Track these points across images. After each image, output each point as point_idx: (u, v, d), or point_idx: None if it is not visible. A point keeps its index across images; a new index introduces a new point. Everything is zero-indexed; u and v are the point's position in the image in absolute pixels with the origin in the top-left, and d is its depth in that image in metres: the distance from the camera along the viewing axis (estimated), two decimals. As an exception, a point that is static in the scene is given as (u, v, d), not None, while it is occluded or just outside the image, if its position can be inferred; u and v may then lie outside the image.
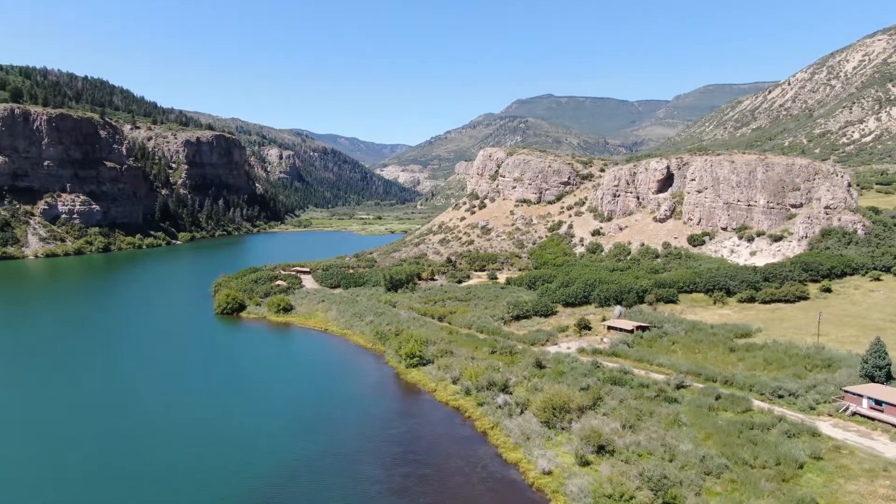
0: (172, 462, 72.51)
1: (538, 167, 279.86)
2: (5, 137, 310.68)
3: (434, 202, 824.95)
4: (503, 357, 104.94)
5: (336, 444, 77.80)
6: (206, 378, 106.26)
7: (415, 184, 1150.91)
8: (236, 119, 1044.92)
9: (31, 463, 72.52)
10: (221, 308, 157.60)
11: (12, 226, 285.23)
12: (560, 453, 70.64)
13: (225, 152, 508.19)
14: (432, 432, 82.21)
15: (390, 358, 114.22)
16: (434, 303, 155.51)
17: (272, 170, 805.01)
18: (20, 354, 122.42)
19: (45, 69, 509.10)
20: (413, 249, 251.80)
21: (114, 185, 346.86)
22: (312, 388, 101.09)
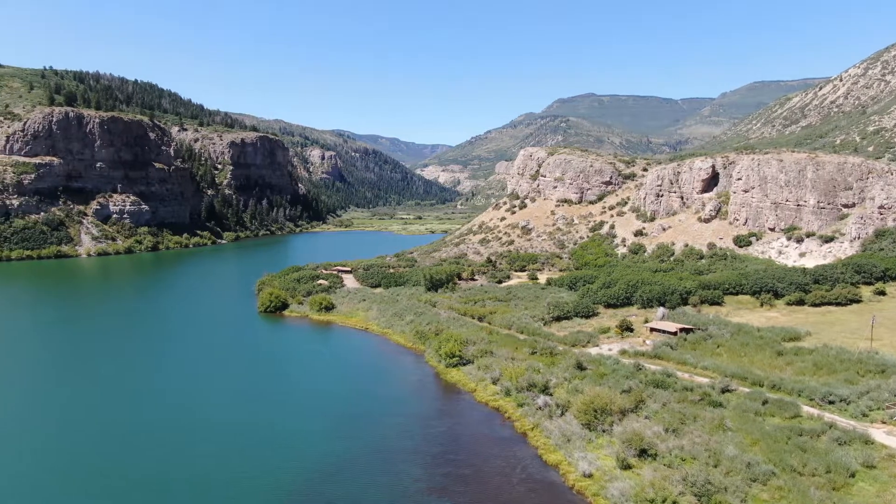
0: (215, 458, 74.06)
1: (579, 167, 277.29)
2: (60, 140, 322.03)
3: (474, 202, 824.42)
4: (543, 358, 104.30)
5: (377, 442, 78.41)
6: (250, 375, 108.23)
7: (455, 184, 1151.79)
8: (280, 120, 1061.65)
9: (75, 458, 74.89)
10: (265, 306, 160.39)
11: (67, 225, 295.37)
12: (601, 456, 69.88)
13: (268, 153, 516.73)
14: (472, 432, 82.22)
15: (430, 357, 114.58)
16: (474, 303, 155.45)
17: (314, 170, 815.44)
18: (75, 349, 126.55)
19: (98, 73, 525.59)
20: (453, 249, 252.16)
21: (162, 186, 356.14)
22: (353, 386, 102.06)
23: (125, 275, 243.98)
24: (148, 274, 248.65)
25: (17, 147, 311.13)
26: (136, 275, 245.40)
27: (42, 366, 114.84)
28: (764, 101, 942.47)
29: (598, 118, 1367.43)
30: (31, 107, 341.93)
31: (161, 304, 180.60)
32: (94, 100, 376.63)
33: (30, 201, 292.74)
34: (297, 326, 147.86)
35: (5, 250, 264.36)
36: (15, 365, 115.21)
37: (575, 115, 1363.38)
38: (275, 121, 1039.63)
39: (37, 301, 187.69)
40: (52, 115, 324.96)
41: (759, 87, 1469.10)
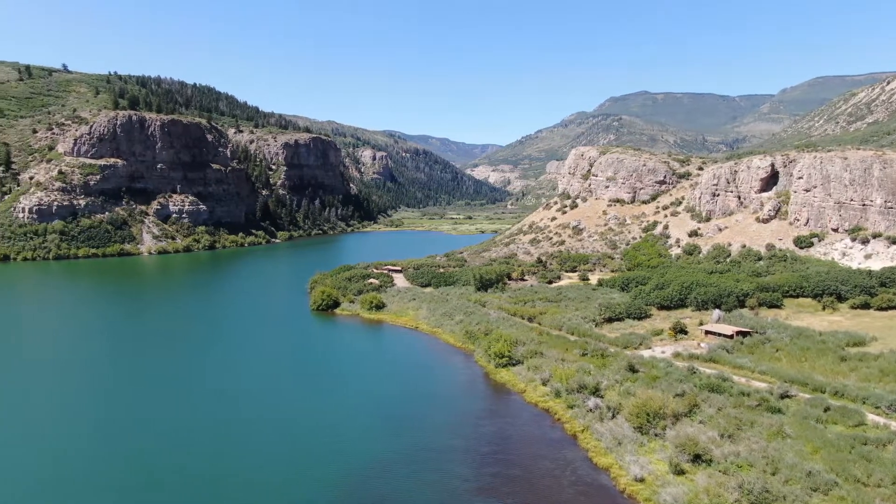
0: (267, 453, 75.62)
1: (632, 166, 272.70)
2: (124, 142, 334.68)
3: (524, 202, 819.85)
4: (594, 360, 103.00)
5: (426, 441, 78.79)
6: (302, 372, 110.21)
7: (505, 184, 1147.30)
8: (332, 121, 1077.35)
9: (130, 450, 77.50)
10: (317, 304, 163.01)
11: (129, 224, 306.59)
12: (653, 460, 68.58)
13: (321, 154, 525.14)
14: (521, 433, 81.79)
15: (479, 357, 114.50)
16: (524, 303, 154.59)
17: (366, 170, 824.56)
18: (135, 345, 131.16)
19: (159, 78, 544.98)
20: (503, 249, 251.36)
21: (219, 187, 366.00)
22: (403, 384, 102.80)
23: (184, 272, 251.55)
24: (205, 272, 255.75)
25: (83, 149, 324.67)
26: (194, 272, 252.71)
27: (102, 361, 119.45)
28: (827, 96, 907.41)
29: (652, 116, 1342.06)
30: (97, 111, 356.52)
31: (218, 300, 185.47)
32: (155, 103, 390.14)
33: (95, 201, 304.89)
34: (348, 325, 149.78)
35: (73, 248, 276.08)
36: (81, 360, 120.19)
37: (628, 113, 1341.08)
38: (327, 122, 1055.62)
39: (102, 297, 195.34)
40: (116, 119, 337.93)
41: (821, 83, 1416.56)
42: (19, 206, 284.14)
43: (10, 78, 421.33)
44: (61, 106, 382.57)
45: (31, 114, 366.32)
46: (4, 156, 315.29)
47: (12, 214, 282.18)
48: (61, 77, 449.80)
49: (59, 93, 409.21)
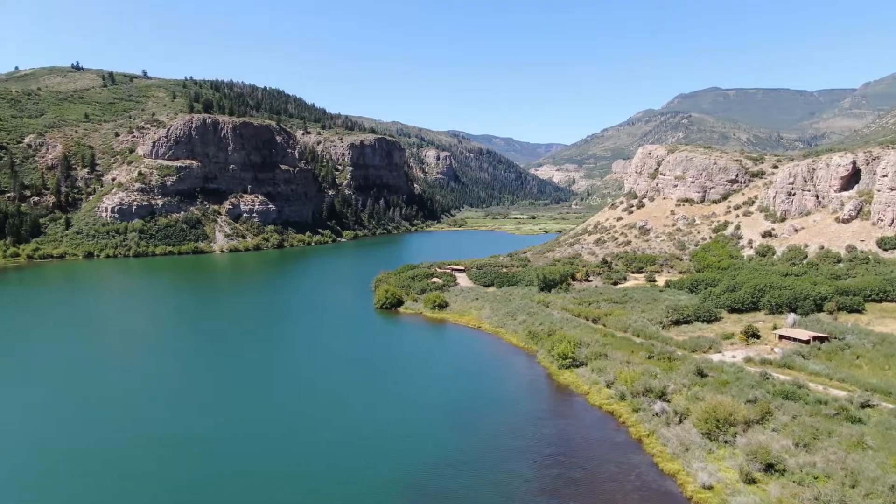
0: (329, 449, 77.11)
1: (702, 164, 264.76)
2: (198, 144, 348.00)
3: (589, 202, 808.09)
4: (661, 363, 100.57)
5: (489, 440, 78.71)
6: (366, 369, 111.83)
7: (570, 183, 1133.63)
8: (397, 122, 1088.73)
9: (198, 440, 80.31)
10: (381, 303, 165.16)
11: (203, 223, 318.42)
12: (722, 468, 66.45)
13: (386, 154, 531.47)
14: (585, 435, 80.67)
15: (542, 358, 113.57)
16: (588, 304, 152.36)
17: (429, 170, 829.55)
18: (208, 339, 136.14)
19: (232, 82, 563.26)
20: (567, 249, 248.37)
21: (287, 187, 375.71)
22: (466, 383, 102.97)
23: (254, 270, 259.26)
24: (274, 269, 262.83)
25: (161, 151, 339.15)
26: (264, 270, 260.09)
27: (177, 356, 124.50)
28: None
29: (723, 113, 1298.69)
30: (174, 114, 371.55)
31: (286, 297, 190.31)
32: (227, 107, 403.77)
33: (172, 201, 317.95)
34: (412, 323, 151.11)
35: (151, 246, 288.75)
36: (158, 354, 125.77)
37: (697, 110, 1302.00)
38: (392, 122, 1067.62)
39: (179, 293, 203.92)
40: (191, 122, 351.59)
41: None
42: (102, 206, 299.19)
43: (95, 84, 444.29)
44: (141, 110, 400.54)
45: (114, 118, 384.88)
46: (89, 158, 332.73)
47: (96, 214, 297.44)
48: (141, 83, 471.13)
49: (139, 98, 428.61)
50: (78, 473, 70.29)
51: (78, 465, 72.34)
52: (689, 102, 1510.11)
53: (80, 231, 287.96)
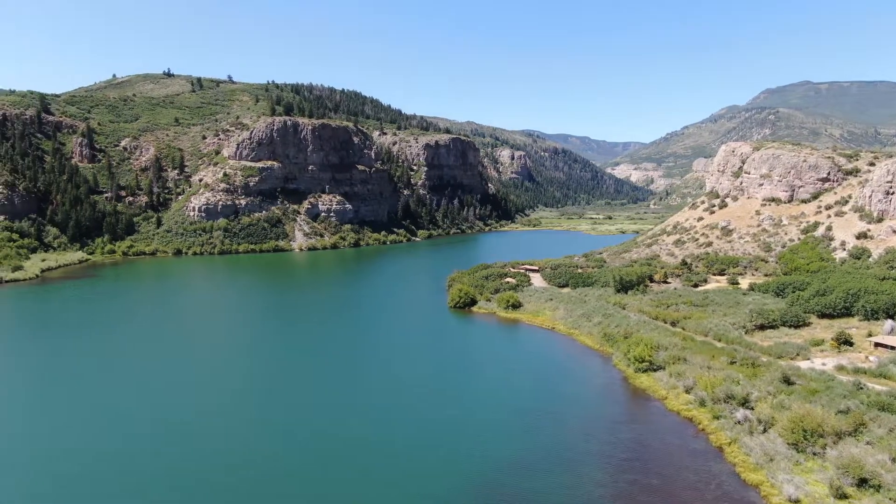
0: (404, 445, 77.99)
1: (790, 162, 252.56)
2: (279, 146, 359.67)
3: (668, 201, 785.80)
4: (744, 369, 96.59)
5: (560, 442, 77.75)
6: (440, 366, 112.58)
7: (648, 182, 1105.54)
8: (471, 122, 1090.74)
9: (271, 435, 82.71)
10: (454, 302, 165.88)
11: (283, 223, 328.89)
12: (810, 481, 63.21)
13: (460, 154, 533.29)
14: (662, 441, 78.45)
15: (618, 361, 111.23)
16: (666, 307, 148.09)
17: (504, 170, 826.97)
18: (287, 334, 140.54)
19: (311, 85, 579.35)
20: (645, 250, 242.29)
21: (363, 187, 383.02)
22: (539, 384, 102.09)
23: (331, 268, 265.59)
24: (350, 267, 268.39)
25: (244, 153, 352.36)
26: (341, 268, 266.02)
27: (261, 353, 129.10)
28: None
29: (814, 108, 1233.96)
30: (257, 117, 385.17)
31: (362, 295, 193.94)
32: (307, 109, 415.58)
33: (254, 201, 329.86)
34: (485, 322, 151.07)
35: (234, 244, 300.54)
36: (241, 349, 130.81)
37: (786, 105, 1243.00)
38: (467, 123, 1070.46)
39: (262, 289, 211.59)
40: (273, 124, 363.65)
41: None
42: (190, 206, 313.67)
43: (185, 90, 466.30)
44: (226, 114, 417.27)
45: (201, 121, 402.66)
46: (179, 160, 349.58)
47: (184, 213, 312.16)
48: (227, 87, 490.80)
49: (224, 102, 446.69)
50: (174, 471, 73.86)
51: (172, 464, 76.03)
52: (777, 97, 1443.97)
53: (170, 229, 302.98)
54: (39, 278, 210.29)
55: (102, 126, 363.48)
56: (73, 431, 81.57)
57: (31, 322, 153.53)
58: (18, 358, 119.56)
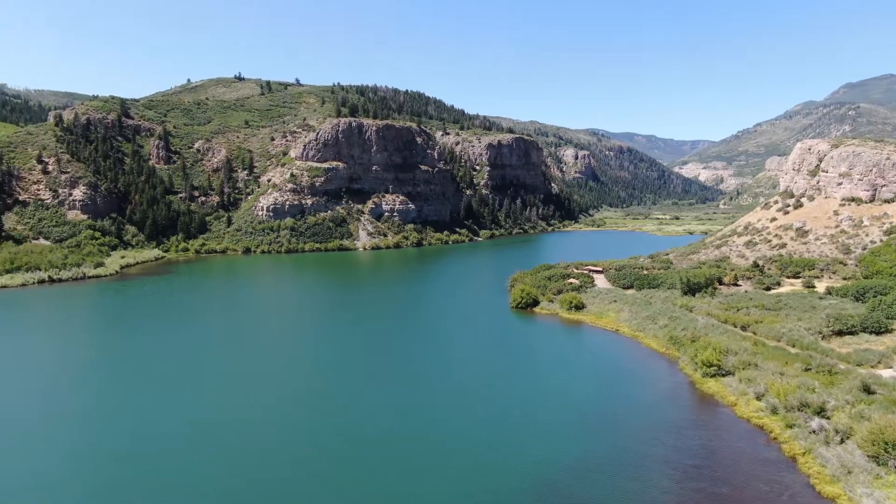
0: (464, 443, 78.05)
1: (872, 160, 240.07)
2: (344, 147, 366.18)
3: (739, 201, 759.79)
4: (820, 376, 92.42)
5: (624, 447, 76.27)
6: (501, 366, 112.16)
7: (717, 182, 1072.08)
8: (534, 122, 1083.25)
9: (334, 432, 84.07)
10: (516, 302, 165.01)
11: (347, 222, 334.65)
12: (892, 496, 59.93)
13: (523, 154, 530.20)
14: (731, 449, 75.89)
15: (685, 365, 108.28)
16: (736, 310, 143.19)
17: (567, 170, 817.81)
18: (351, 331, 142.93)
19: (375, 86, 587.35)
20: (714, 252, 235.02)
21: (426, 187, 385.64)
22: (601, 386, 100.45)
23: (395, 267, 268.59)
24: (413, 266, 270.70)
25: (311, 154, 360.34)
26: (404, 267, 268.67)
27: (319, 348, 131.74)
28: None
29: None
30: (323, 119, 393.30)
31: (424, 293, 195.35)
32: (371, 110, 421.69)
33: (320, 201, 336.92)
34: (547, 323, 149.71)
35: (300, 243, 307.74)
36: (301, 345, 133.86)
37: (867, 100, 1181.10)
38: (530, 122, 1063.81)
39: (327, 287, 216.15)
40: (338, 126, 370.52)
41: None
42: (259, 206, 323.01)
43: (254, 93, 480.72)
44: (294, 116, 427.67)
45: (270, 123, 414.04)
46: (248, 161, 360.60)
47: (253, 212, 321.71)
48: (294, 90, 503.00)
49: (292, 104, 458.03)
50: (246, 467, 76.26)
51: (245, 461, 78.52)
52: (858, 92, 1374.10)
53: (240, 228, 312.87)
54: (119, 274, 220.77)
55: (178, 129, 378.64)
56: (145, 417, 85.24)
57: (111, 314, 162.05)
58: (98, 348, 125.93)
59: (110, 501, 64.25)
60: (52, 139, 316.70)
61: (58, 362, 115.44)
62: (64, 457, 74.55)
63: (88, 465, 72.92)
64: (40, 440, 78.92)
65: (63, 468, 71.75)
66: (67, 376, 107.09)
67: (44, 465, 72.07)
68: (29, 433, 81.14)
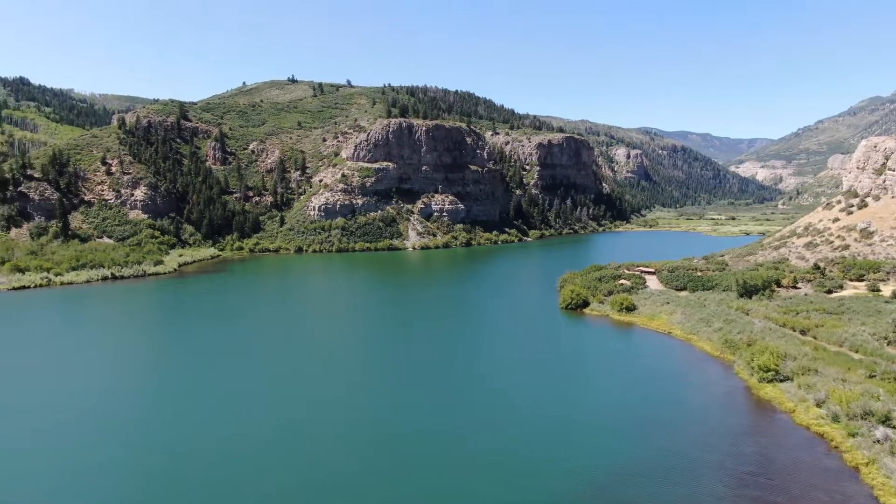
0: (504, 444, 77.64)
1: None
2: (394, 147, 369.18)
3: (799, 201, 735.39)
4: (886, 384, 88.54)
5: (676, 450, 74.59)
6: (550, 367, 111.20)
7: (776, 181, 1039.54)
8: (585, 121, 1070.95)
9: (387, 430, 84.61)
10: (566, 303, 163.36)
11: (397, 222, 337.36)
12: (964, 510, 56.95)
13: (574, 153, 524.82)
14: (788, 457, 73.39)
15: (740, 369, 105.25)
16: (795, 314, 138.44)
17: (619, 169, 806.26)
18: (402, 330, 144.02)
19: (425, 87, 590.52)
20: (772, 253, 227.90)
21: (475, 187, 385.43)
22: (652, 389, 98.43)
23: (444, 266, 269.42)
24: (462, 266, 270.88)
25: (362, 154, 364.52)
26: (453, 266, 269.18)
27: (368, 345, 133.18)
28: None
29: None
30: (373, 119, 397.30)
31: (473, 292, 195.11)
32: (421, 111, 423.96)
33: (370, 201, 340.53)
34: (597, 325, 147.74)
35: (351, 243, 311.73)
36: (352, 342, 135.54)
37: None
38: (581, 121, 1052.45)
39: (379, 285, 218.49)
40: (388, 126, 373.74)
41: None
42: (311, 206, 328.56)
43: (307, 95, 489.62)
44: (345, 117, 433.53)
45: (322, 125, 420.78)
46: (301, 162, 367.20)
47: (305, 212, 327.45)
48: (345, 91, 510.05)
49: (343, 105, 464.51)
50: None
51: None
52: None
53: (292, 228, 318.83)
54: (177, 272, 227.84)
55: (233, 131, 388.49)
56: (203, 413, 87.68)
57: (169, 310, 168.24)
58: (159, 343, 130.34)
59: (172, 493, 66.29)
60: (115, 141, 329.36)
61: (123, 357, 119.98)
62: (129, 448, 77.30)
63: (151, 458, 75.35)
64: (111, 433, 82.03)
65: (131, 461, 74.41)
66: (131, 371, 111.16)
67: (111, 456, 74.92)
68: (96, 426, 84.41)
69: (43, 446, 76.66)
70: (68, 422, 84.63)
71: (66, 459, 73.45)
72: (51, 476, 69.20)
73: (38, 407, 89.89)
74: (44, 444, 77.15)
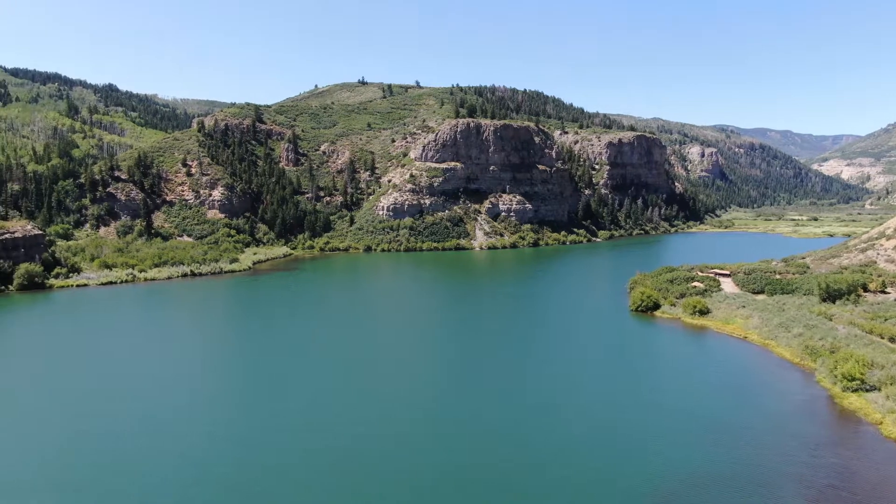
0: (571, 447, 76.66)
1: None
2: (462, 147, 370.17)
3: (889, 201, 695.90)
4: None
5: (751, 460, 71.92)
6: (621, 371, 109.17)
7: (863, 180, 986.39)
8: (657, 119, 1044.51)
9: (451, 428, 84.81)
10: (636, 305, 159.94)
11: (464, 222, 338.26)
12: None
13: (645, 152, 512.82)
14: (874, 471, 69.61)
15: (822, 377, 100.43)
16: (884, 319, 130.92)
17: (692, 168, 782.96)
18: (460, 327, 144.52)
19: (494, 87, 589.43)
20: (858, 256, 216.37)
21: (543, 187, 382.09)
22: (727, 396, 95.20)
23: (510, 266, 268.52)
24: (530, 266, 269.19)
25: (429, 154, 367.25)
26: (521, 267, 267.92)
27: (436, 344, 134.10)
28: None
29: None
30: (441, 120, 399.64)
31: (540, 293, 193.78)
32: (489, 111, 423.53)
33: (437, 201, 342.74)
34: (668, 328, 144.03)
35: (418, 242, 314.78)
36: (418, 341, 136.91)
37: None
38: (653, 119, 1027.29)
39: (443, 284, 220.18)
40: (456, 126, 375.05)
41: None
42: (380, 205, 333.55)
43: (377, 97, 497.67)
44: (413, 118, 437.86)
45: (391, 126, 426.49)
46: (370, 162, 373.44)
47: (374, 212, 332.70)
48: (414, 92, 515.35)
49: (412, 106, 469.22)
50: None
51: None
52: None
53: (361, 227, 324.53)
54: (251, 269, 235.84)
55: (305, 132, 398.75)
56: (273, 405, 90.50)
57: (245, 305, 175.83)
58: (237, 338, 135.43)
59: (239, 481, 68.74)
60: (194, 144, 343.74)
61: (203, 349, 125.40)
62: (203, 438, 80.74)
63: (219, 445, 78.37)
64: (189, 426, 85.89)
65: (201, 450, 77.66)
66: (207, 362, 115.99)
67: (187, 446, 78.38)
68: (175, 417, 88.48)
69: (154, 432, 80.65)
70: (173, 411, 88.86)
71: (175, 446, 77.05)
72: (168, 461, 72.76)
73: (138, 397, 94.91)
74: (155, 431, 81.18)
